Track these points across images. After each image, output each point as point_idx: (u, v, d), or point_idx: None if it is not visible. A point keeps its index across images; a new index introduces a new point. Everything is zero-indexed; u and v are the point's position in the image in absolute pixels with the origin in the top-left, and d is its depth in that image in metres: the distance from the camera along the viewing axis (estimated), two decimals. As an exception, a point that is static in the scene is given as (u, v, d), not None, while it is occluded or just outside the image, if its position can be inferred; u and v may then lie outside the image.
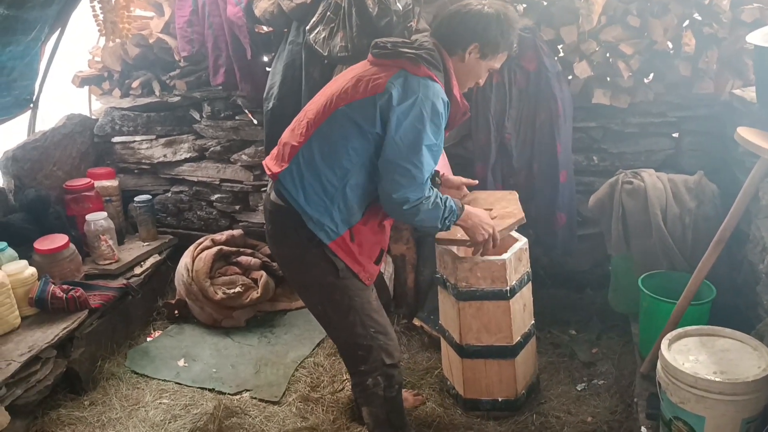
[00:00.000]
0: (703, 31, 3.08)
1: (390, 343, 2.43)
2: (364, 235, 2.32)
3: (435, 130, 2.16)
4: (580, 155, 3.49)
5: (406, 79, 2.17)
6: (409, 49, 2.23)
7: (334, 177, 2.23)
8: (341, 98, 2.24)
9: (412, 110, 2.13)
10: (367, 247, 2.36)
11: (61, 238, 3.53)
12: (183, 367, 3.43)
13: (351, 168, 2.22)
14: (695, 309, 2.56)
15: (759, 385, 1.99)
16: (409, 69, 2.19)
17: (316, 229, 2.25)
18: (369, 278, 2.40)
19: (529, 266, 2.87)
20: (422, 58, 2.20)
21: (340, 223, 2.26)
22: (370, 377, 2.43)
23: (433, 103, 2.14)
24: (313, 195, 2.24)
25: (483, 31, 2.26)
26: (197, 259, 3.78)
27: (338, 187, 2.23)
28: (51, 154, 4.07)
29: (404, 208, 2.18)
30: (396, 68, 2.21)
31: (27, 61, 3.68)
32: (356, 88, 2.22)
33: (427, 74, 2.19)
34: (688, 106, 3.29)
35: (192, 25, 3.85)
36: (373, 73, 2.23)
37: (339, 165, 2.22)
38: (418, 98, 2.13)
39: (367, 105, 2.18)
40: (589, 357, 3.25)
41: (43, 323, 3.18)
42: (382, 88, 2.16)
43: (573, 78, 3.35)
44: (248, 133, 4.09)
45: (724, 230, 2.38)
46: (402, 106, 2.13)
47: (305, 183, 2.25)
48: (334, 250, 2.28)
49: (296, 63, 3.52)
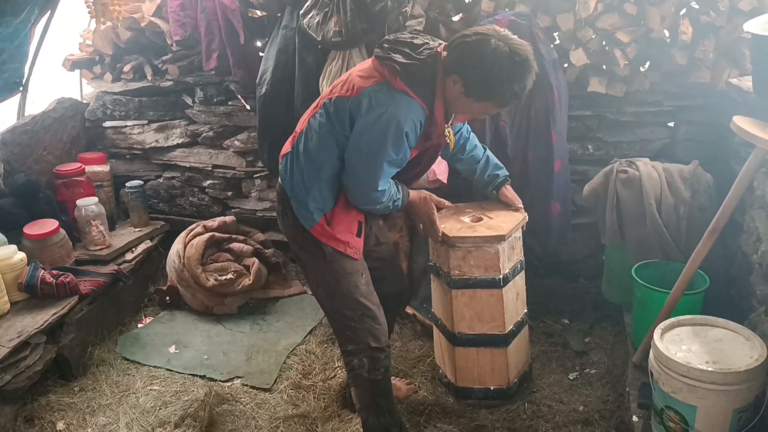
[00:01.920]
0: (700, 20, 3.06)
1: (377, 327, 2.44)
2: (338, 216, 2.37)
3: (396, 148, 2.18)
4: (575, 144, 3.48)
5: (380, 91, 2.16)
6: (402, 56, 2.17)
7: (311, 168, 2.31)
8: (332, 91, 2.30)
9: (376, 124, 2.15)
10: (345, 225, 2.40)
11: (51, 223, 3.50)
12: (174, 354, 3.41)
13: (326, 160, 2.28)
14: (688, 299, 2.55)
15: (751, 375, 1.99)
16: (390, 79, 2.17)
17: (299, 215, 2.35)
18: (356, 252, 2.44)
19: (522, 255, 2.86)
20: (406, 71, 2.15)
21: (315, 211, 2.33)
22: (356, 358, 2.45)
23: (399, 122, 2.13)
24: (296, 183, 2.34)
25: (473, 68, 2.12)
26: (189, 245, 3.76)
27: (314, 178, 2.30)
28: (41, 139, 4.03)
29: (361, 206, 2.35)
30: (381, 77, 2.19)
31: (17, 44, 3.63)
32: (343, 85, 2.26)
33: (403, 89, 2.15)
34: (685, 96, 3.28)
35: (185, 9, 3.81)
36: (361, 76, 2.24)
37: (316, 157, 2.29)
38: (385, 114, 2.13)
39: (343, 104, 2.22)
40: (581, 346, 3.25)
41: (32, 309, 3.15)
42: (356, 93, 2.18)
43: (569, 66, 3.32)
44: (241, 119, 4.06)
45: (718, 220, 2.37)
46: (368, 116, 2.16)
47: (293, 171, 2.35)
48: (317, 236, 2.35)
49: (290, 48, 3.49)
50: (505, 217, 2.71)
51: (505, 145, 3.34)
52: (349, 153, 2.24)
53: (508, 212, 2.77)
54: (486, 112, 2.34)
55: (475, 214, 2.78)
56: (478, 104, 2.21)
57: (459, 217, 2.77)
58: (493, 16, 3.20)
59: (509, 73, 2.10)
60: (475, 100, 2.19)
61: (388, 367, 2.52)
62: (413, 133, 2.19)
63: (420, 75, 2.17)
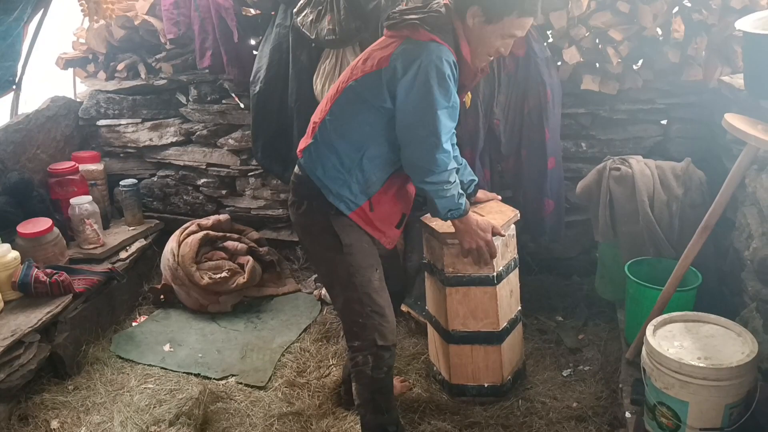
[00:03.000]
0: (692, 18, 3.08)
1: (385, 325, 2.43)
2: (384, 203, 2.38)
3: (444, 93, 2.15)
4: (568, 141, 3.49)
5: (408, 48, 2.17)
6: (414, 14, 2.21)
7: (349, 150, 2.29)
8: (352, 74, 2.29)
9: (417, 78, 2.13)
10: (388, 215, 2.42)
11: (45, 221, 3.49)
12: (168, 352, 3.41)
13: (365, 141, 2.27)
14: (681, 295, 2.57)
15: (742, 370, 2.00)
16: (413, 35, 2.19)
17: (337, 201, 2.31)
18: (390, 242, 2.48)
19: (516, 252, 2.87)
20: (424, 21, 2.18)
21: (358, 194, 2.32)
22: (361, 354, 2.44)
23: (437, 66, 2.13)
24: (331, 168, 2.30)
25: None
26: (183, 243, 3.76)
27: (355, 159, 2.28)
28: (34, 137, 4.02)
29: (427, 180, 2.25)
30: (401, 38, 2.21)
31: (9, 42, 3.62)
32: (366, 63, 2.26)
33: (430, 38, 2.17)
34: (677, 93, 3.29)
35: (178, 7, 3.80)
36: (381, 47, 2.26)
37: (354, 138, 2.28)
38: (422, 65, 2.13)
39: (374, 79, 2.21)
40: (575, 343, 3.26)
41: (26, 307, 3.15)
42: (386, 62, 2.19)
43: (562, 64, 3.33)
44: (235, 117, 4.06)
45: (710, 217, 2.38)
46: (407, 76, 2.15)
47: (323, 157, 2.32)
48: (355, 220, 2.34)
49: (283, 46, 3.49)
50: (496, 215, 2.71)
51: (498, 143, 3.35)
52: (400, 122, 2.21)
53: (500, 211, 2.78)
54: (511, 34, 2.24)
55: None
56: (500, 26, 2.19)
57: None
58: (486, 14, 3.20)
59: None
60: (496, 21, 2.18)
61: (392, 366, 2.52)
62: (452, 75, 2.19)
63: (439, 23, 2.20)
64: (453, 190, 2.32)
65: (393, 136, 2.26)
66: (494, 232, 2.52)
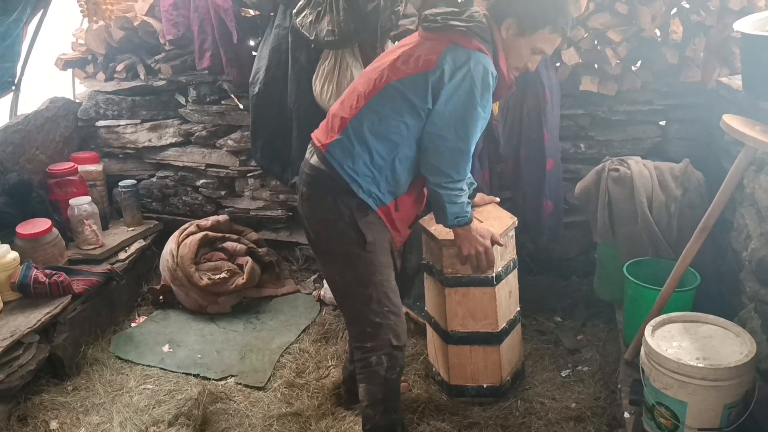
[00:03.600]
0: (690, 19, 3.08)
1: (400, 325, 2.44)
2: (406, 205, 2.40)
3: (485, 103, 2.20)
4: (567, 143, 3.49)
5: (457, 54, 2.17)
6: (460, 21, 2.22)
7: (384, 149, 2.27)
8: (393, 73, 2.26)
9: (462, 85, 2.15)
10: (408, 215, 2.45)
11: (44, 222, 3.49)
12: (168, 353, 3.41)
13: (401, 142, 2.26)
14: (679, 296, 2.57)
15: (741, 371, 2.01)
16: (460, 42, 2.19)
17: (366, 197, 2.29)
18: (401, 241, 2.51)
19: (515, 253, 2.87)
20: (472, 31, 2.20)
21: (386, 193, 2.32)
22: (375, 355, 2.42)
23: (483, 77, 2.16)
24: (361, 165, 2.28)
25: (521, 3, 2.23)
26: (182, 244, 3.76)
27: (387, 159, 2.28)
28: (33, 138, 4.02)
29: (444, 183, 2.27)
30: (447, 42, 2.20)
31: (8, 43, 3.62)
32: (407, 64, 2.24)
33: (478, 47, 2.19)
34: (675, 94, 3.30)
35: (177, 8, 3.80)
36: (424, 48, 2.24)
37: (389, 138, 2.26)
38: (469, 73, 2.15)
39: (419, 81, 2.20)
40: (574, 344, 3.27)
41: (25, 308, 3.15)
42: (434, 64, 2.18)
43: (561, 65, 3.34)
44: (234, 118, 4.06)
45: (708, 218, 2.39)
46: (453, 81, 2.16)
47: (355, 154, 2.28)
48: (381, 217, 2.34)
49: (283, 47, 3.49)
50: (495, 221, 2.72)
51: (497, 144, 3.36)
52: (433, 126, 2.22)
53: (498, 217, 2.78)
54: (540, 49, 2.28)
55: None
56: (533, 39, 2.24)
57: None
58: (485, 15, 3.21)
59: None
60: (529, 34, 2.23)
61: (404, 366, 2.55)
62: (493, 86, 2.22)
63: (483, 34, 2.22)
64: (464, 197, 2.34)
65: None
66: (493, 241, 2.51)
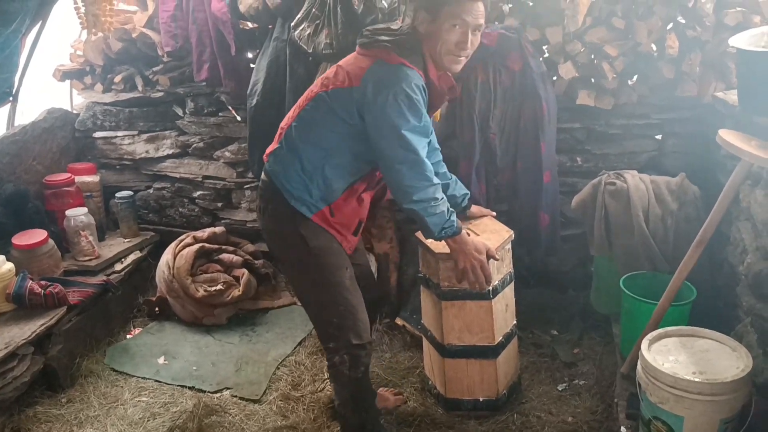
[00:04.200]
0: (686, 34, 3.10)
1: (359, 324, 2.46)
2: (342, 210, 2.40)
3: (414, 114, 2.20)
4: (563, 156, 3.50)
5: (380, 71, 2.22)
6: (387, 36, 2.27)
7: (313, 157, 2.32)
8: (324, 84, 2.34)
9: (388, 102, 2.18)
10: (346, 222, 2.44)
11: (40, 233, 3.49)
12: (163, 365, 3.39)
13: (330, 149, 2.31)
14: (676, 310, 2.57)
15: (737, 385, 2.01)
16: (385, 58, 2.24)
17: (298, 204, 2.34)
18: (350, 248, 2.50)
19: (511, 266, 2.87)
20: (396, 44, 2.25)
21: (319, 200, 2.34)
22: (338, 355, 2.47)
23: (406, 91, 2.18)
24: (293, 173, 2.33)
25: None
26: (179, 256, 3.75)
27: (318, 166, 2.31)
28: (31, 149, 4.02)
29: (415, 198, 2.26)
30: (373, 58, 2.26)
31: (6, 54, 3.62)
32: (337, 77, 2.30)
33: (401, 62, 2.23)
34: (672, 108, 3.31)
35: (176, 20, 3.82)
36: (354, 64, 2.30)
37: (318, 145, 2.31)
38: (391, 89, 2.18)
39: (345, 95, 2.26)
40: (570, 357, 3.26)
41: (20, 319, 3.13)
42: (358, 82, 2.23)
43: (558, 78, 3.35)
44: (232, 130, 4.06)
45: (705, 231, 2.39)
46: (377, 102, 2.19)
47: (286, 162, 2.35)
48: (318, 222, 2.36)
49: (281, 60, 3.50)
50: (491, 235, 2.72)
51: (494, 157, 3.36)
52: (375, 147, 2.25)
53: (494, 230, 2.78)
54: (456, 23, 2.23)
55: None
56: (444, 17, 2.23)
57: None
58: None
59: None
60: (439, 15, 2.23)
61: (368, 365, 2.56)
62: (422, 98, 2.24)
63: (408, 45, 2.27)
64: (442, 206, 2.32)
65: (357, 148, 2.31)
66: (489, 255, 2.50)
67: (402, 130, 2.18)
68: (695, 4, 3.02)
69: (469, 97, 3.26)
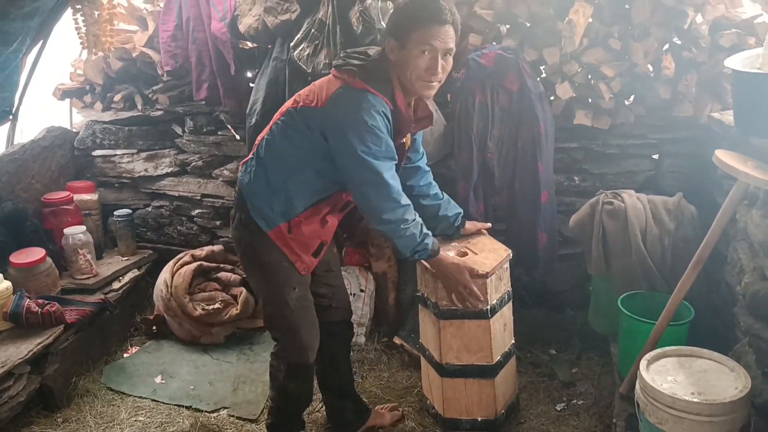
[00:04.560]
0: (682, 55, 3.13)
1: (298, 344, 2.50)
2: (302, 229, 2.39)
3: (374, 140, 2.20)
4: (561, 175, 3.51)
5: (343, 96, 2.23)
6: (358, 60, 2.28)
7: (278, 171, 2.34)
8: (296, 100, 2.36)
9: (347, 126, 2.19)
10: (306, 240, 2.42)
11: (38, 251, 3.48)
12: (160, 384, 3.38)
13: (295, 164, 2.32)
14: (674, 329, 2.57)
15: (735, 406, 2.00)
16: (351, 82, 2.25)
17: (258, 217, 2.36)
18: (305, 269, 2.47)
19: (509, 285, 2.87)
20: (363, 70, 2.25)
21: (278, 214, 2.35)
22: (277, 360, 2.58)
23: (365, 117, 2.18)
24: (259, 186, 2.36)
25: (392, 18, 2.34)
26: (177, 274, 3.75)
27: (282, 181, 2.33)
28: (29, 167, 4.03)
29: (384, 218, 2.27)
30: (341, 82, 2.27)
31: (7, 73, 3.64)
32: (308, 95, 2.32)
33: (365, 87, 2.23)
34: (668, 129, 3.33)
35: (176, 40, 3.85)
36: (325, 85, 2.31)
37: (284, 160, 2.34)
38: (352, 115, 2.19)
39: (311, 114, 2.28)
40: (568, 377, 3.25)
41: (17, 338, 3.12)
42: (324, 103, 2.25)
43: (555, 99, 3.38)
44: (231, 149, 4.08)
45: (702, 251, 2.40)
46: (339, 123, 2.21)
47: (254, 174, 2.38)
48: (273, 239, 2.36)
49: (280, 79, 3.52)
50: (489, 254, 2.72)
51: (492, 176, 3.38)
52: (342, 169, 2.27)
53: (493, 249, 2.78)
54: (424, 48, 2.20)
55: (460, 249, 2.79)
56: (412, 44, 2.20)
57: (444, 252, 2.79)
58: (480, 49, 3.26)
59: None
60: (407, 42, 2.21)
61: (306, 382, 2.63)
62: (383, 125, 2.23)
63: (375, 71, 2.27)
64: (413, 229, 2.32)
65: (320, 166, 2.32)
66: (471, 274, 2.49)
67: (362, 155, 2.19)
68: (691, 25, 3.06)
69: (467, 117, 3.29)
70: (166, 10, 3.87)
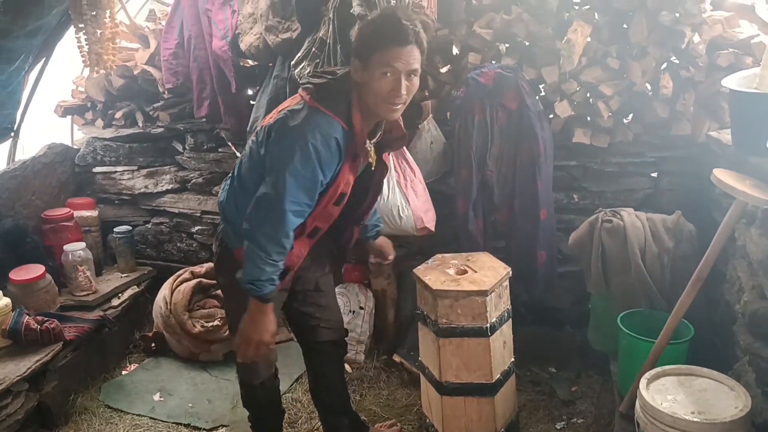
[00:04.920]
0: (680, 74, 3.15)
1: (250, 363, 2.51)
2: None
3: (303, 162, 2.10)
4: (560, 193, 3.52)
5: (293, 109, 2.17)
6: (319, 79, 2.23)
7: (243, 193, 2.31)
8: (264, 120, 2.33)
9: (283, 142, 2.13)
10: None
11: (38, 268, 3.48)
12: (158, 402, 3.36)
13: (254, 185, 2.23)
14: (673, 348, 2.57)
15: (735, 425, 1.99)
16: (306, 100, 2.18)
17: (227, 234, 2.41)
18: None
19: (509, 303, 2.87)
20: (320, 88, 2.19)
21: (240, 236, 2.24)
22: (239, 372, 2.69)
23: (306, 137, 2.09)
24: (231, 203, 2.37)
25: (357, 38, 2.19)
26: (176, 291, 3.74)
27: (247, 201, 2.23)
28: (30, 184, 4.04)
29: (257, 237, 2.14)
30: (300, 99, 2.21)
31: (9, 90, 3.67)
32: (275, 114, 2.28)
33: (315, 106, 2.14)
34: (667, 147, 3.35)
35: (177, 58, 3.88)
36: (287, 102, 2.30)
37: (248, 181, 2.29)
38: (293, 132, 2.11)
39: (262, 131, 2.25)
40: (568, 395, 3.24)
41: (15, 355, 3.11)
42: (274, 117, 2.22)
43: (554, 117, 3.40)
44: (231, 166, 4.04)
45: (701, 270, 2.40)
46: (277, 136, 2.16)
47: (229, 193, 2.39)
48: (238, 258, 2.28)
49: (280, 97, 3.53)
50: (488, 272, 2.72)
51: (491, 194, 3.38)
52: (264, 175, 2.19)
53: (492, 267, 2.79)
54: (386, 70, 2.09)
55: (459, 266, 2.79)
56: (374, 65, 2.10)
57: (444, 269, 2.80)
58: (479, 68, 3.28)
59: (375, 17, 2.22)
60: (369, 63, 2.11)
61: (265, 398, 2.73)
62: (324, 148, 2.11)
63: (334, 91, 2.19)
64: (268, 268, 2.15)
65: None
66: (264, 343, 2.27)
67: (284, 170, 2.10)
68: (688, 45, 3.08)
69: (467, 135, 3.30)
70: (167, 27, 3.90)
